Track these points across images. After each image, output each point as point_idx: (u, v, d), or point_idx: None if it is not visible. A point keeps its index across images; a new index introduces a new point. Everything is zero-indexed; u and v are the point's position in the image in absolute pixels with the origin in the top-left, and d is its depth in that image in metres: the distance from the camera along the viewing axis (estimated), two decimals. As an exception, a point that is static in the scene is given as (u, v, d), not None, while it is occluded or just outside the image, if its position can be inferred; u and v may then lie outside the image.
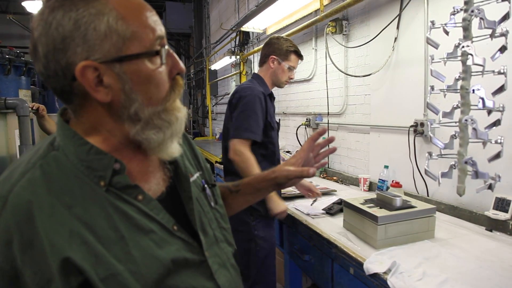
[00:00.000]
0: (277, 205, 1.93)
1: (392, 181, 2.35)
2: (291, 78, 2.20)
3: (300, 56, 2.18)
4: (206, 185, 0.89)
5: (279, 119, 4.28)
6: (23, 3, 7.30)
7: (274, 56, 2.12)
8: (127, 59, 0.64)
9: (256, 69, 5.34)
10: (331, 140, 1.08)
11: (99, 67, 0.62)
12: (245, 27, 4.00)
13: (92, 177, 0.65)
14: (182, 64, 0.72)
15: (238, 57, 5.22)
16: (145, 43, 0.65)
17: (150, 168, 0.77)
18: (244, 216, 1.97)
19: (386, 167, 2.46)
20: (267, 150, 2.06)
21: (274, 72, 2.14)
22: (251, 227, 1.98)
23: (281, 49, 2.12)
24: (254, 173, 1.75)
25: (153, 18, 0.68)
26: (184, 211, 0.79)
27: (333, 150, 1.03)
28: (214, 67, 6.59)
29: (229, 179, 2.08)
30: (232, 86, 5.90)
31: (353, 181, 2.89)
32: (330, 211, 2.07)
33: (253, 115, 1.93)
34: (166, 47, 0.69)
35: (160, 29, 0.68)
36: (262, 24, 3.89)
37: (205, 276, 0.76)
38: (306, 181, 2.17)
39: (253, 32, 5.12)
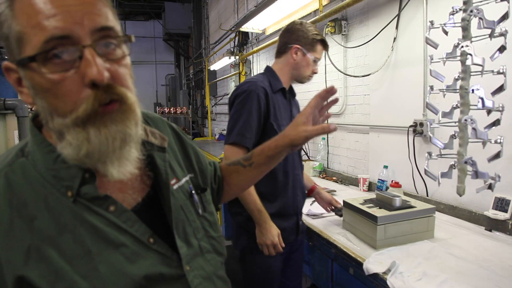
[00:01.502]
0: (266, 233, 1.59)
1: (392, 181, 2.35)
2: (315, 73, 1.82)
3: (326, 47, 1.80)
4: (194, 191, 0.83)
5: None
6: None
7: (299, 46, 1.72)
8: (21, 63, 0.57)
9: (255, 69, 5.34)
10: (332, 91, 0.93)
11: (14, 69, 0.61)
12: (244, 28, 4.00)
13: (59, 187, 0.61)
14: (94, 70, 0.56)
15: (237, 57, 5.21)
16: (34, 46, 0.55)
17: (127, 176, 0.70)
18: (240, 234, 1.75)
19: (386, 167, 2.46)
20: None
21: (296, 65, 1.75)
22: (248, 247, 1.72)
23: (306, 37, 1.72)
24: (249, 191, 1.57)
25: (49, 12, 0.55)
26: (166, 221, 0.73)
27: (336, 101, 0.96)
28: (213, 67, 6.59)
29: None
30: (231, 87, 5.90)
31: (352, 181, 2.89)
32: (338, 212, 1.98)
33: (245, 116, 1.61)
34: (87, 48, 0.57)
35: (58, 26, 0.55)
36: (261, 24, 3.89)
37: None
38: (326, 194, 2.03)
39: (252, 33, 5.12)
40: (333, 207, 2.00)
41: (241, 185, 1.09)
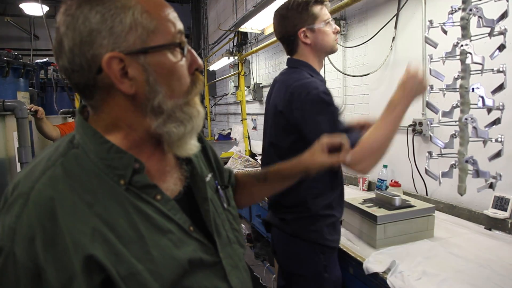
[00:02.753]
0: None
1: (391, 180, 2.35)
2: (337, 31, 1.54)
3: (321, 2, 1.51)
4: (219, 186, 0.90)
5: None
6: (20, 5, 7.28)
7: (301, 30, 1.48)
8: (151, 50, 0.66)
9: (254, 69, 5.34)
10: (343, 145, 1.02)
11: (124, 59, 0.64)
12: (243, 28, 4.00)
13: (112, 175, 0.65)
14: (200, 60, 0.74)
15: (236, 57, 5.21)
16: (168, 36, 0.68)
17: (168, 168, 0.78)
18: (312, 255, 1.45)
19: (385, 166, 2.46)
20: None
21: (315, 46, 1.50)
22: (322, 267, 1.45)
23: (299, 16, 1.47)
24: None
25: (173, 14, 0.70)
26: (199, 212, 0.79)
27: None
28: (212, 67, 6.59)
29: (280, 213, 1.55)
30: (231, 87, 5.90)
31: (352, 181, 2.89)
32: None
33: (333, 119, 1.34)
34: (186, 42, 0.71)
35: (180, 24, 0.71)
36: (260, 24, 3.88)
37: (219, 277, 0.76)
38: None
39: (251, 33, 5.12)
40: None
41: (252, 197, 1.17)
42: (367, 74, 2.68)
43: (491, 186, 1.24)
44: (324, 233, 1.44)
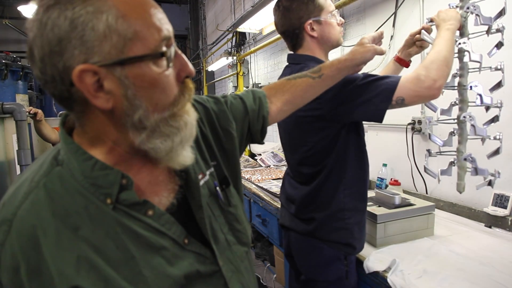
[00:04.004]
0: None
1: (391, 179, 2.35)
2: (343, 23, 1.50)
3: None
4: (218, 188, 0.82)
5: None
6: (19, 8, 7.26)
7: (307, 22, 1.41)
8: (129, 62, 0.57)
9: (253, 69, 5.34)
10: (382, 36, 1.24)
11: (98, 71, 0.56)
12: (241, 28, 4.00)
13: (98, 194, 0.61)
14: (191, 66, 0.66)
15: (235, 58, 5.21)
16: (149, 44, 0.59)
17: (160, 178, 0.72)
18: (337, 262, 1.42)
19: (385, 165, 2.46)
20: (359, 138, 1.47)
21: (322, 39, 1.44)
22: (344, 274, 1.42)
23: (304, 8, 1.40)
24: None
25: (159, 16, 0.61)
26: (195, 218, 0.75)
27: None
28: (211, 68, 6.58)
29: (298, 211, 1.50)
30: (230, 87, 5.89)
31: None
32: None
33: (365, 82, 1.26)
34: (174, 48, 0.63)
35: (167, 29, 0.62)
36: (258, 24, 3.88)
37: (219, 286, 0.74)
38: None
39: (249, 33, 5.11)
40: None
41: (303, 99, 1.09)
42: (366, 73, 2.68)
43: (489, 183, 1.24)
44: (354, 231, 1.40)
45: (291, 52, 1.53)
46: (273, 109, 1.04)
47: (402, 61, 1.59)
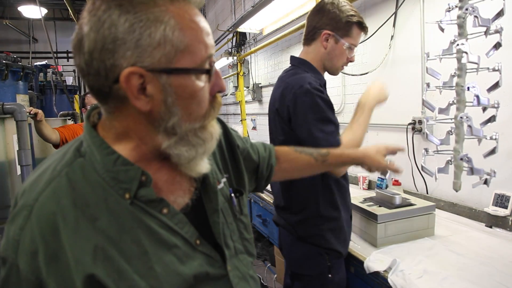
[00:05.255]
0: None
1: (392, 179, 2.35)
2: (351, 61, 1.52)
3: (364, 29, 1.48)
4: (233, 194, 0.85)
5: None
6: (19, 8, 7.29)
7: (329, 32, 1.43)
8: (176, 72, 0.61)
9: (253, 69, 5.34)
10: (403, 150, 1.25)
11: (145, 75, 0.59)
12: (242, 28, 4.00)
13: (117, 188, 0.63)
14: (223, 83, 0.70)
15: (235, 58, 5.21)
16: (197, 59, 0.62)
17: (177, 178, 0.74)
18: (317, 257, 1.46)
19: (385, 165, 2.46)
20: None
21: (328, 54, 1.47)
22: (326, 269, 1.45)
23: (339, 19, 1.42)
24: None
25: (207, 31, 0.65)
26: (208, 222, 0.76)
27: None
28: (211, 68, 6.58)
29: (284, 215, 1.55)
30: (230, 87, 5.89)
31: (352, 180, 2.89)
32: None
33: (326, 114, 1.35)
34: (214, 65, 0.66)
35: (212, 46, 0.65)
36: (259, 24, 3.89)
37: None
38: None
39: (249, 33, 5.12)
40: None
41: (300, 173, 1.20)
42: (366, 73, 2.68)
43: (485, 182, 1.25)
44: (328, 237, 1.44)
45: (294, 55, 1.58)
46: (275, 167, 1.11)
47: None
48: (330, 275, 1.45)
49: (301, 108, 1.34)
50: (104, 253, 0.59)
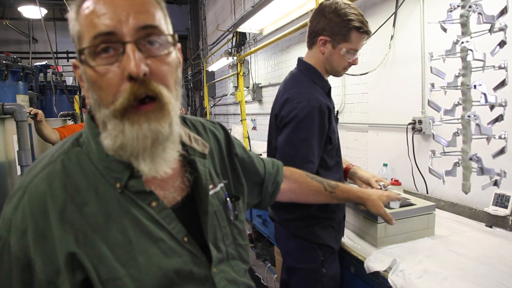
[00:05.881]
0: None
1: (391, 179, 2.34)
2: (353, 64, 1.51)
3: (365, 32, 1.44)
4: (228, 198, 0.85)
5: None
6: (19, 9, 7.29)
7: (325, 38, 1.44)
8: (80, 59, 0.64)
9: (253, 69, 5.34)
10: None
11: (78, 66, 0.66)
12: (242, 28, 4.00)
13: (109, 178, 0.66)
14: (132, 65, 0.60)
15: (235, 58, 5.21)
16: (85, 42, 0.63)
17: (169, 175, 0.73)
18: (310, 251, 1.48)
19: (385, 165, 2.46)
20: (331, 146, 1.50)
21: (326, 60, 1.48)
22: (319, 263, 1.48)
23: (335, 25, 1.41)
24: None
25: (99, 12, 0.61)
26: (199, 223, 0.77)
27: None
28: (211, 68, 6.59)
29: (280, 213, 1.57)
30: (230, 88, 5.89)
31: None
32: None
33: (310, 138, 1.37)
34: (128, 44, 0.61)
35: (105, 24, 0.60)
36: (258, 24, 3.89)
37: None
38: (364, 173, 1.76)
39: (249, 33, 5.12)
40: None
41: (306, 198, 1.22)
42: (366, 73, 2.68)
43: (495, 183, 1.23)
44: (319, 233, 1.48)
45: (301, 57, 1.59)
46: (282, 185, 1.13)
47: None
48: (324, 269, 1.48)
49: (294, 125, 1.39)
50: (85, 239, 0.61)
